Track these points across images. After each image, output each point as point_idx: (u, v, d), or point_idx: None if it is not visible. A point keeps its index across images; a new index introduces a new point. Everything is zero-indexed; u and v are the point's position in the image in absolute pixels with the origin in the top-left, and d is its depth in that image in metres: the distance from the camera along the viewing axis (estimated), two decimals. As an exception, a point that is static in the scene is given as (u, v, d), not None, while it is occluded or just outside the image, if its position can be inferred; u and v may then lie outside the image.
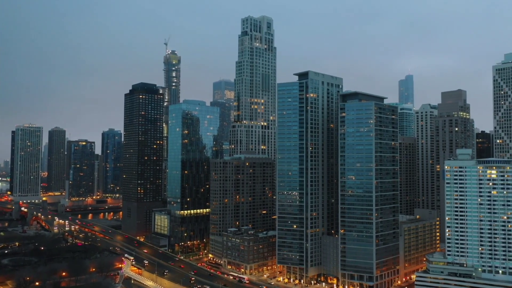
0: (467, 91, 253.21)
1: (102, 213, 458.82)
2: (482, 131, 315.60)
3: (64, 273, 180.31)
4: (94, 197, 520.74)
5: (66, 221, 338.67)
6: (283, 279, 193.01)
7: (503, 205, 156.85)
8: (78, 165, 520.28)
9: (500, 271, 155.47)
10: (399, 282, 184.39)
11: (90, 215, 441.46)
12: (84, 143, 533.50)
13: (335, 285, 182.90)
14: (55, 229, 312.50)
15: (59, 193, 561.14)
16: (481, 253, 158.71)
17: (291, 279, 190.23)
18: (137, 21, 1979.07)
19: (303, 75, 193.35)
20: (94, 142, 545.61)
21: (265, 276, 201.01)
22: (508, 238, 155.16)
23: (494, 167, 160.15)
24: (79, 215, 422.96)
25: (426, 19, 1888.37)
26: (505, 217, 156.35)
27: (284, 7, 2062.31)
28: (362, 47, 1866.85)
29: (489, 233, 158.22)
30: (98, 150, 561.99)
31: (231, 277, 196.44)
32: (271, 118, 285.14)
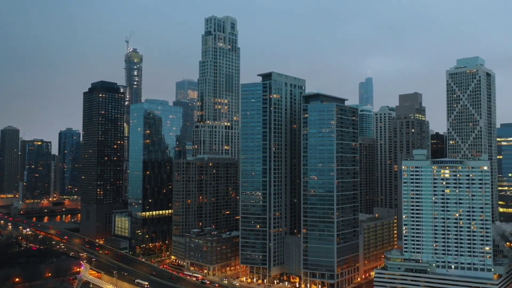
0: (425, 94, 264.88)
1: (59, 216, 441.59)
2: (436, 133, 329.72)
3: (17, 279, 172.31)
4: (50, 199, 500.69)
5: (20, 225, 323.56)
6: (246, 279, 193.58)
7: (455, 203, 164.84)
8: (33, 166, 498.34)
9: (453, 266, 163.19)
10: (359, 279, 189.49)
11: (46, 218, 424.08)
12: (39, 143, 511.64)
13: (297, 283, 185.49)
14: (8, 233, 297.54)
15: (12, 195, 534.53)
16: (435, 249, 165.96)
17: (254, 279, 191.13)
18: (96, 16, 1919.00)
19: (266, 76, 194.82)
20: (50, 142, 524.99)
21: (225, 281, 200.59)
22: (460, 235, 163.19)
23: (447, 167, 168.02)
24: (34, 218, 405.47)
25: (396, 23, 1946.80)
26: (457, 215, 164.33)
27: (252, 6, 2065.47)
28: (330, 48, 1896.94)
29: (443, 230, 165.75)
30: (54, 150, 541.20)
31: (194, 279, 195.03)
32: (234, 118, 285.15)
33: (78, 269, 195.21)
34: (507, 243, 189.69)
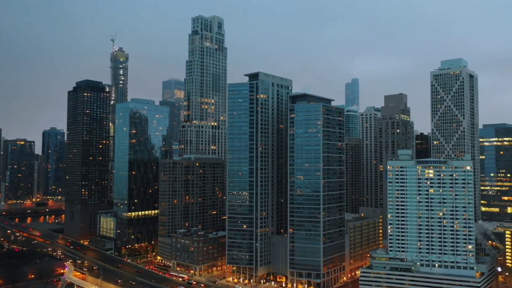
0: (410, 95, 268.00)
1: (42, 216, 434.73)
2: (421, 133, 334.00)
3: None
4: (33, 200, 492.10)
5: (2, 225, 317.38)
6: (233, 279, 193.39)
7: (439, 202, 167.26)
8: (15, 166, 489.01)
9: (437, 265, 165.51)
10: (344, 278, 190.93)
11: (29, 219, 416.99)
12: (22, 143, 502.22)
13: (284, 283, 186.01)
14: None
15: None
16: (420, 248, 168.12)
17: (241, 279, 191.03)
18: (82, 14, 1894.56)
19: (253, 76, 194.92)
20: (33, 142, 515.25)
21: (218, 283, 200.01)
22: (444, 234, 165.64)
23: (432, 167, 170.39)
24: (17, 219, 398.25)
25: (382, 24, 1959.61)
26: (440, 214, 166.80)
27: (240, 5, 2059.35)
28: (317, 48, 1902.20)
29: (427, 229, 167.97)
30: (38, 150, 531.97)
31: (180, 279, 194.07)
32: (221, 118, 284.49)
33: (62, 271, 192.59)
34: (489, 241, 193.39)
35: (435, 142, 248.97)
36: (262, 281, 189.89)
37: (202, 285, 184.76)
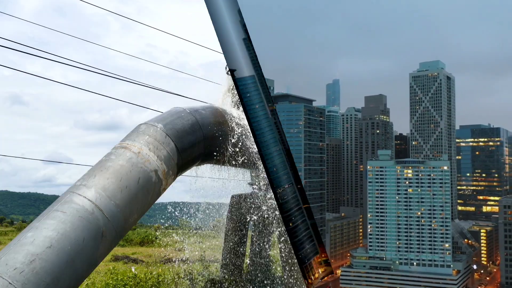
0: (390, 96, 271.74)
1: None
2: (400, 134, 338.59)
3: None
4: None
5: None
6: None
7: (418, 202, 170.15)
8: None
9: (415, 263, 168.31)
10: (325, 278, 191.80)
11: None
12: None
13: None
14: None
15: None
16: (399, 247, 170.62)
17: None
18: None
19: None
20: None
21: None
22: (422, 233, 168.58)
23: (410, 167, 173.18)
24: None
25: (366, 25, 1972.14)
26: (419, 213, 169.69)
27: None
28: (301, 48, 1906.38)
29: (405, 228, 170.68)
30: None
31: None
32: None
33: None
34: (465, 240, 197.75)
35: (413, 143, 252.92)
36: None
37: None
